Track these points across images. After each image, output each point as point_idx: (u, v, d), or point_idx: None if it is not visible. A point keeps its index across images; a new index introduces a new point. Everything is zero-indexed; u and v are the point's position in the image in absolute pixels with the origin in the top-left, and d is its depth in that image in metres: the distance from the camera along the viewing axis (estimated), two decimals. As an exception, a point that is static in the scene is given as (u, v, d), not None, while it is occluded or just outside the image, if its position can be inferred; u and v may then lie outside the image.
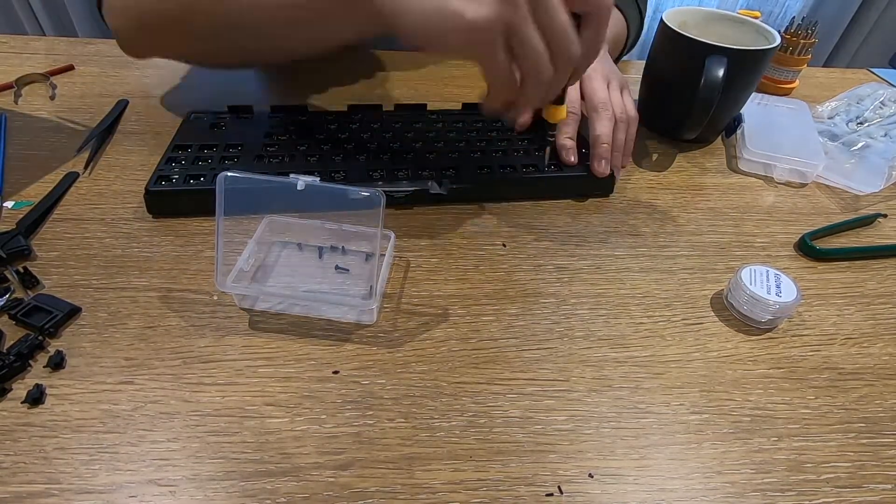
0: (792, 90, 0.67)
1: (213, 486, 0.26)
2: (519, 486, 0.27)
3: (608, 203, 0.46)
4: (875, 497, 0.28)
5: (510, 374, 0.32)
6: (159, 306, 0.34)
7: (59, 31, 1.40)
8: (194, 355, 0.31)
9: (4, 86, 0.53)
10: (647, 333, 0.35)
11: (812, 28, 0.63)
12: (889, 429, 0.31)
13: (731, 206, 0.47)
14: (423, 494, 0.26)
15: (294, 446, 0.27)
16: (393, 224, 0.41)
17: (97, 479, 0.25)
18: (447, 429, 0.29)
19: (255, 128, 0.48)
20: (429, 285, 0.37)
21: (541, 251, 0.41)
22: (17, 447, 0.26)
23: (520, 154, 0.47)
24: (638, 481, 0.27)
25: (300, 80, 0.60)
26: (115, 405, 0.28)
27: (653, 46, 0.54)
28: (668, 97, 0.54)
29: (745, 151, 0.51)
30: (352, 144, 0.46)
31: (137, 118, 0.51)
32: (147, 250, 0.38)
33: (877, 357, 0.35)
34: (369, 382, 0.31)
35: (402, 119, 0.50)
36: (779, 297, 0.35)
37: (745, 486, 0.27)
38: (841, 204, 0.49)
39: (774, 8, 1.60)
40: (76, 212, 0.40)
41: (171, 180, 0.40)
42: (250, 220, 0.37)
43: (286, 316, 0.34)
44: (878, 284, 0.41)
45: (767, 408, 0.31)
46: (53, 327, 0.31)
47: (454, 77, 0.63)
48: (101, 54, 0.61)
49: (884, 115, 0.58)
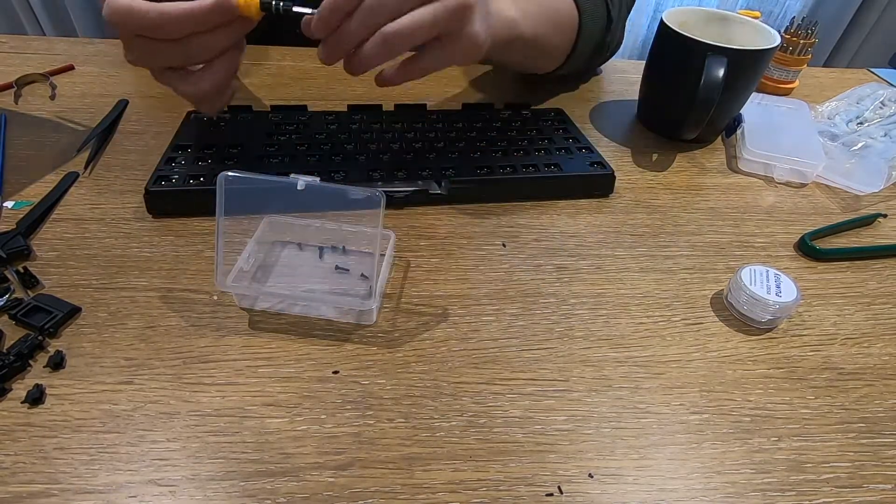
0: (792, 90, 0.67)
1: (213, 486, 0.26)
2: (519, 486, 0.27)
3: (608, 203, 0.46)
4: (875, 497, 0.28)
5: (510, 374, 0.32)
6: (159, 306, 0.34)
7: (59, 31, 1.40)
8: (194, 355, 0.31)
9: (4, 86, 0.53)
10: (647, 333, 0.35)
11: (812, 28, 0.63)
12: (889, 429, 0.31)
13: (731, 206, 0.47)
14: (423, 494, 0.26)
15: (294, 446, 0.27)
16: (393, 224, 0.41)
17: (97, 479, 0.25)
18: (447, 429, 0.29)
19: (255, 128, 0.48)
20: (429, 285, 0.37)
21: (541, 251, 0.41)
22: (17, 447, 0.26)
23: (520, 154, 0.47)
24: (638, 481, 0.27)
25: (300, 80, 0.60)
26: (115, 405, 0.28)
27: (653, 46, 0.54)
28: (668, 97, 0.54)
29: (745, 151, 0.51)
30: (352, 144, 0.46)
31: (137, 118, 0.51)
32: (147, 250, 0.38)
33: (877, 357, 0.35)
34: (369, 382, 0.31)
35: (402, 119, 0.50)
36: (779, 297, 0.35)
37: (745, 486, 0.27)
38: (841, 204, 0.49)
39: (774, 8, 1.60)
40: (76, 212, 0.40)
41: (171, 180, 0.40)
42: (250, 220, 0.37)
43: (286, 316, 0.34)
44: (878, 284, 0.41)
45: (767, 408, 0.31)
46: (53, 327, 0.31)
47: (454, 77, 0.63)
48: (101, 54, 0.61)
49: (884, 115, 0.58)
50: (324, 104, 0.54)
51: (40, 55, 0.60)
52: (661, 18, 0.51)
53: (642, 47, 1.65)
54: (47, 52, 0.61)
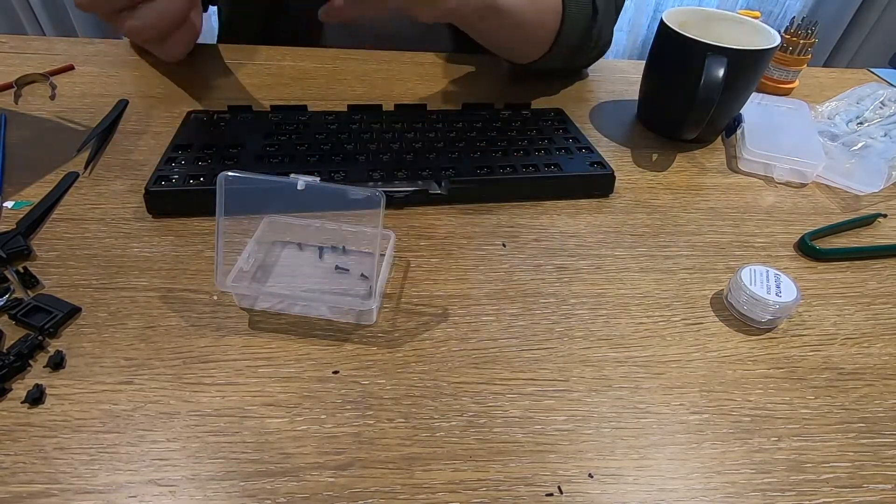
0: (792, 90, 0.67)
1: (213, 486, 0.26)
2: (519, 486, 0.27)
3: (608, 203, 0.46)
4: (875, 497, 0.28)
5: (510, 374, 0.32)
6: (159, 306, 0.34)
7: (59, 31, 1.40)
8: (194, 355, 0.31)
9: (4, 86, 0.53)
10: (647, 333, 0.35)
11: (812, 28, 0.63)
12: (889, 429, 0.31)
13: (731, 206, 0.47)
14: (422, 494, 0.26)
15: (294, 446, 0.27)
16: (393, 224, 0.41)
17: (97, 479, 0.25)
18: (447, 429, 0.29)
19: (255, 128, 0.48)
20: (429, 285, 0.37)
21: (541, 251, 0.41)
22: (17, 447, 0.26)
23: (520, 154, 0.47)
24: (638, 481, 0.27)
25: (300, 80, 0.60)
26: (115, 405, 0.28)
27: (653, 46, 0.54)
28: (668, 97, 0.54)
29: (745, 151, 0.51)
30: (352, 144, 0.46)
31: (137, 118, 0.51)
32: (147, 250, 0.38)
33: (877, 357, 0.35)
34: (369, 382, 0.31)
35: (402, 119, 0.50)
36: (779, 297, 0.35)
37: (745, 486, 0.27)
38: (841, 204, 0.49)
39: (774, 8, 1.60)
40: (76, 212, 0.40)
41: (171, 180, 0.40)
42: (250, 220, 0.37)
43: (286, 316, 0.34)
44: (878, 284, 0.41)
45: (767, 408, 0.31)
46: (53, 327, 0.31)
47: (454, 77, 0.63)
48: (101, 54, 0.61)
49: (884, 115, 0.58)
50: (324, 104, 0.54)
51: (40, 55, 0.60)
52: (661, 18, 0.51)
53: (642, 47, 1.65)
54: (47, 52, 0.61)
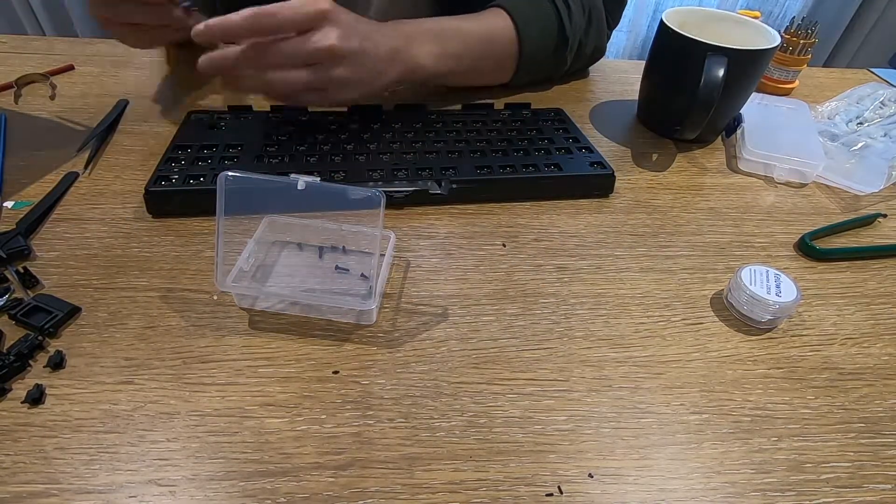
0: (792, 90, 0.67)
1: (213, 486, 0.26)
2: (519, 486, 0.27)
3: (608, 203, 0.46)
4: (875, 497, 0.28)
5: (510, 374, 0.32)
6: (159, 306, 0.34)
7: (59, 31, 1.40)
8: (194, 355, 0.31)
9: (4, 86, 0.53)
10: (647, 333, 0.35)
11: (812, 28, 0.63)
12: (889, 429, 0.31)
13: (731, 206, 0.47)
14: (423, 494, 0.26)
15: (294, 446, 0.27)
16: (393, 224, 0.41)
17: (97, 479, 0.25)
18: (447, 429, 0.29)
19: (255, 128, 0.48)
20: (429, 285, 0.37)
21: (541, 251, 0.41)
22: (17, 447, 0.26)
23: (520, 154, 0.47)
24: (638, 481, 0.27)
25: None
26: (114, 405, 0.28)
27: (653, 46, 0.54)
28: (668, 97, 0.54)
29: (745, 151, 0.51)
30: (352, 144, 0.46)
31: (137, 118, 0.51)
32: (147, 250, 0.38)
33: (877, 357, 0.35)
34: (369, 382, 0.31)
35: (402, 119, 0.50)
36: (779, 297, 0.35)
37: (745, 486, 0.27)
38: (841, 204, 0.49)
39: (774, 8, 1.60)
40: (76, 212, 0.40)
41: (171, 180, 0.40)
42: (250, 220, 0.37)
43: (286, 316, 0.34)
44: (878, 284, 0.41)
45: (767, 408, 0.31)
46: (53, 327, 0.31)
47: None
48: (101, 54, 0.61)
49: (884, 115, 0.58)
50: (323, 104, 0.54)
51: (40, 55, 0.60)
52: (661, 18, 0.51)
53: (642, 47, 1.65)
54: (47, 52, 0.61)
